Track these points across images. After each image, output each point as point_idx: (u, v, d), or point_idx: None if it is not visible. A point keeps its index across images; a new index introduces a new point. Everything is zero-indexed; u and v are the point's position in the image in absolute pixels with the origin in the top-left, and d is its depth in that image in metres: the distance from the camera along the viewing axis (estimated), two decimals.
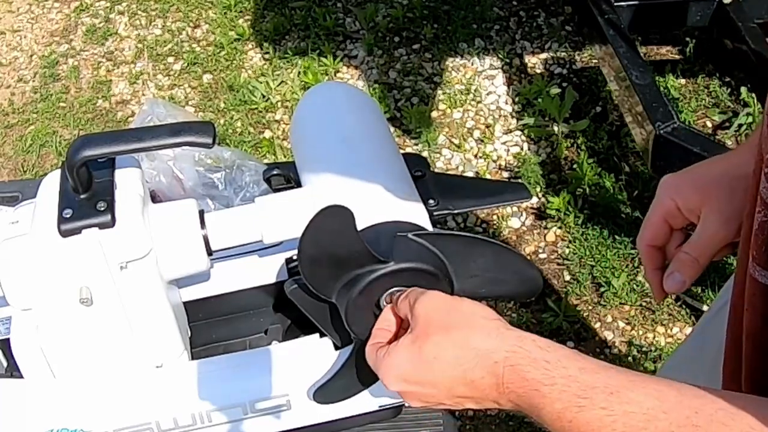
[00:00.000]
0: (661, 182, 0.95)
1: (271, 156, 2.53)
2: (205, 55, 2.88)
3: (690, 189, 0.91)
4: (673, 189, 0.93)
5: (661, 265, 0.95)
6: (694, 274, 0.91)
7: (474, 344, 0.74)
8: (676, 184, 0.93)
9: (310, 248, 0.82)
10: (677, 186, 0.93)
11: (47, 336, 0.95)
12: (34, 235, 0.90)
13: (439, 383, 0.76)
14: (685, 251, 0.91)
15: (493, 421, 1.99)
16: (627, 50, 2.18)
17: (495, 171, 2.49)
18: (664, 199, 0.93)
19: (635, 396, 0.66)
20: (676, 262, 0.92)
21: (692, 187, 0.91)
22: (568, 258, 2.26)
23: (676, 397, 0.65)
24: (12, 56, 2.95)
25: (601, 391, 0.67)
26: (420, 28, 2.87)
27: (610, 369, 0.70)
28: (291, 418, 1.02)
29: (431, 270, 0.86)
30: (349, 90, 1.15)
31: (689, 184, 0.92)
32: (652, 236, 0.94)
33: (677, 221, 0.93)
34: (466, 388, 0.75)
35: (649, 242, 0.94)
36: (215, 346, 1.11)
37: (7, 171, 2.60)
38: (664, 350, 2.06)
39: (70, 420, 0.98)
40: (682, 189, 0.92)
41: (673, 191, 0.93)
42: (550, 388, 0.69)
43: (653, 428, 0.63)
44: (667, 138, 1.94)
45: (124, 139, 0.90)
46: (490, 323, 0.76)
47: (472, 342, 0.75)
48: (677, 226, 0.94)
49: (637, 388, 0.66)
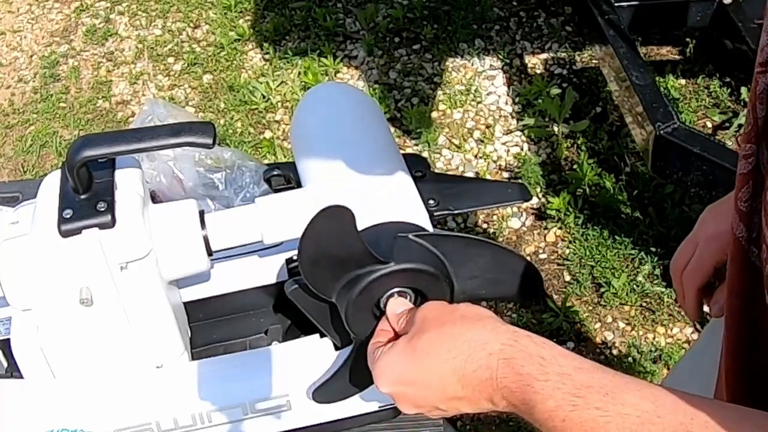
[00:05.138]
0: (704, 215, 0.98)
1: (271, 156, 2.53)
2: (206, 55, 2.88)
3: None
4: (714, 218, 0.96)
5: (701, 286, 0.97)
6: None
7: (467, 337, 0.74)
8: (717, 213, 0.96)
9: (310, 248, 0.82)
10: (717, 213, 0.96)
11: (47, 336, 0.95)
12: (34, 235, 0.90)
13: (432, 382, 0.75)
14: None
15: (493, 422, 1.99)
16: (627, 50, 2.18)
17: (495, 171, 2.49)
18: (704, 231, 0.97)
19: (630, 398, 0.65)
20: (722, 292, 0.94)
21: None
22: (568, 258, 2.26)
23: (671, 403, 0.64)
24: (12, 56, 2.96)
25: (597, 391, 0.66)
26: (420, 29, 2.87)
27: (606, 371, 0.69)
28: (291, 418, 1.02)
29: (431, 271, 0.85)
30: (350, 90, 1.15)
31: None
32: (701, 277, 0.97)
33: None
34: (459, 385, 0.73)
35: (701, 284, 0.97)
36: (215, 346, 1.11)
37: (7, 171, 2.60)
38: (665, 350, 2.06)
39: (70, 420, 0.98)
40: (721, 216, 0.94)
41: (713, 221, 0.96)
42: (544, 384, 0.68)
43: (646, 431, 0.63)
44: (667, 138, 1.94)
45: (125, 139, 0.90)
46: (484, 319, 0.76)
47: (466, 335, 0.74)
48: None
49: (632, 390, 0.66)
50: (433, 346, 0.75)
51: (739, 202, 0.72)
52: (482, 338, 0.73)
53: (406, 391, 0.77)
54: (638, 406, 0.64)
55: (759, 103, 0.70)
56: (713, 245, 0.95)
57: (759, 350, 0.74)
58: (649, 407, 0.64)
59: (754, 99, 0.71)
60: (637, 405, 0.64)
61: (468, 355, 0.72)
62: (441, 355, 0.74)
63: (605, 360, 2.06)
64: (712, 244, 0.95)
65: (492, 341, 0.72)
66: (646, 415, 0.63)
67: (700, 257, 0.96)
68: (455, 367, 0.73)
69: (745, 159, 0.71)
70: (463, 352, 0.73)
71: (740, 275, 0.73)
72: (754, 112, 0.71)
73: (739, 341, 0.76)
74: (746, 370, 0.76)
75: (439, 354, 0.74)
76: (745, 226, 0.72)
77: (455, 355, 0.73)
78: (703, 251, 0.96)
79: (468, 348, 0.73)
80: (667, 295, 2.15)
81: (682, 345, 2.08)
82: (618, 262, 2.21)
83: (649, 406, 0.64)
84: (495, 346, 0.72)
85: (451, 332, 0.75)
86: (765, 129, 0.70)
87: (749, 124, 0.72)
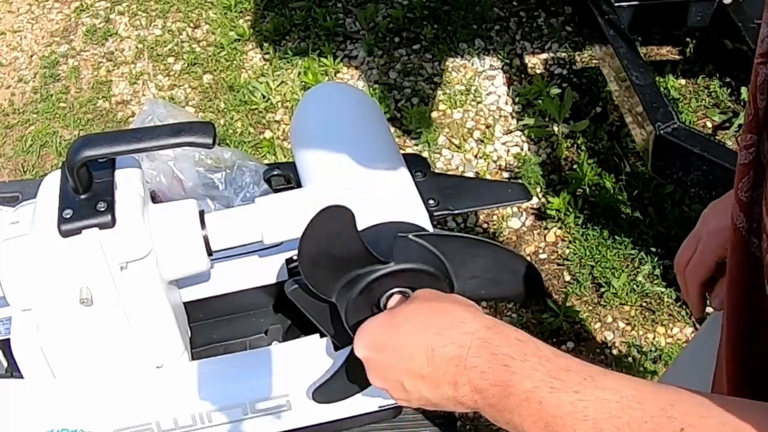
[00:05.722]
0: (707, 211, 0.98)
1: (271, 156, 2.53)
2: (206, 55, 2.88)
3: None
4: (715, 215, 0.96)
5: (704, 281, 0.98)
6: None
7: (449, 314, 0.73)
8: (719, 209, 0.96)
9: (310, 248, 0.82)
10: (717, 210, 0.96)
11: (47, 336, 0.95)
12: (34, 235, 0.90)
13: (401, 351, 0.74)
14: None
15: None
16: (627, 50, 2.18)
17: (495, 171, 2.49)
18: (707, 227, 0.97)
19: (610, 383, 0.64)
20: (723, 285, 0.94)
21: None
22: (568, 258, 2.26)
23: (652, 390, 0.64)
24: (12, 56, 2.96)
25: (576, 374, 0.65)
26: (420, 29, 2.87)
27: (585, 361, 0.68)
28: (291, 418, 1.02)
29: (431, 271, 0.85)
30: (350, 90, 1.15)
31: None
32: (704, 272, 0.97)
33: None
34: (425, 360, 0.71)
35: (703, 279, 0.97)
36: (215, 346, 1.11)
37: (7, 171, 2.60)
38: (665, 351, 2.06)
39: (70, 420, 0.98)
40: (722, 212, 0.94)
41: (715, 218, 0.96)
42: (522, 364, 0.67)
43: (626, 417, 0.62)
44: (667, 138, 1.94)
45: (125, 139, 0.90)
46: (471, 307, 0.75)
47: (449, 313, 0.74)
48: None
49: (613, 377, 0.65)
50: (412, 315, 0.75)
51: (739, 193, 0.72)
52: (462, 318, 0.73)
53: (378, 358, 0.76)
54: (618, 391, 0.64)
55: (759, 94, 0.70)
56: (715, 240, 0.95)
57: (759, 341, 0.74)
58: (630, 393, 0.63)
59: (754, 90, 0.71)
60: (617, 390, 0.64)
61: (441, 329, 0.72)
62: (417, 323, 0.74)
63: (605, 360, 2.06)
64: (714, 239, 0.95)
65: (470, 322, 0.72)
66: (626, 401, 0.63)
67: (701, 252, 0.97)
68: (426, 339, 0.72)
69: (746, 149, 0.71)
70: (438, 325, 0.72)
71: (740, 266, 0.74)
72: (754, 102, 0.71)
73: (739, 332, 0.76)
74: (747, 361, 0.77)
75: (415, 323, 0.74)
76: (745, 216, 0.72)
77: (429, 327, 0.73)
78: (704, 246, 0.96)
79: (444, 322, 0.72)
80: (667, 295, 2.15)
81: (682, 345, 2.08)
82: (618, 262, 2.21)
83: (630, 392, 0.63)
84: (472, 326, 0.71)
85: (434, 307, 0.75)
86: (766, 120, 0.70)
87: (749, 115, 0.72)
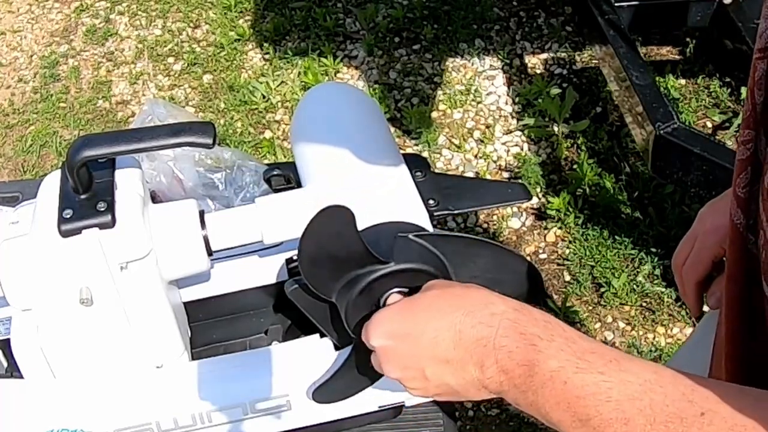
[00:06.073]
0: (703, 210, 0.98)
1: (271, 156, 2.53)
2: (206, 55, 2.88)
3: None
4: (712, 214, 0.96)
5: (700, 280, 0.97)
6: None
7: (474, 294, 0.72)
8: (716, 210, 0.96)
9: (310, 248, 0.82)
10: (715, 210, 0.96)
11: (47, 336, 0.95)
12: (34, 235, 0.90)
13: (424, 336, 0.72)
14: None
15: (494, 422, 1.99)
16: (627, 50, 2.18)
17: (495, 171, 2.49)
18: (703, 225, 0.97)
19: (633, 367, 0.65)
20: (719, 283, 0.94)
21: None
22: (568, 258, 2.26)
23: (672, 375, 0.65)
24: (12, 56, 2.96)
25: (600, 357, 0.66)
26: (420, 29, 2.87)
27: (608, 346, 0.70)
28: (291, 418, 1.02)
29: (432, 271, 0.85)
30: (349, 90, 1.15)
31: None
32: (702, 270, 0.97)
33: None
34: (452, 344, 0.71)
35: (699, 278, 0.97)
36: (215, 346, 1.11)
37: (7, 171, 2.60)
38: (665, 350, 2.06)
39: (70, 420, 0.98)
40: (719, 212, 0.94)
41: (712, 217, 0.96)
42: (548, 344, 0.67)
43: (648, 400, 0.63)
44: (667, 138, 1.94)
45: (125, 139, 0.90)
46: (490, 293, 0.74)
47: (472, 295, 0.73)
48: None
49: (636, 362, 0.66)
50: (434, 301, 0.74)
51: (737, 188, 0.72)
52: (489, 299, 0.72)
53: (396, 346, 0.75)
54: (641, 375, 0.65)
55: (757, 89, 0.70)
56: (711, 239, 0.95)
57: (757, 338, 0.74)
58: (651, 377, 0.64)
59: (752, 85, 0.71)
60: (640, 374, 0.65)
61: (469, 310, 0.71)
62: (442, 308, 0.73)
63: None
64: (710, 237, 0.95)
65: (498, 303, 0.71)
66: (648, 384, 0.64)
67: (698, 251, 0.97)
68: (453, 321, 0.71)
69: (744, 145, 0.71)
70: (465, 306, 0.71)
71: (738, 262, 0.74)
72: (752, 98, 0.71)
73: (737, 329, 0.76)
74: (745, 359, 0.77)
75: (440, 308, 0.73)
76: (743, 212, 0.72)
77: (456, 309, 0.72)
78: (701, 245, 0.96)
79: (472, 304, 0.72)
80: (667, 295, 2.15)
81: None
82: (618, 262, 2.21)
83: (651, 376, 0.65)
84: (500, 307, 0.71)
85: (457, 292, 0.74)
86: (763, 115, 0.70)
87: (747, 111, 0.72)
